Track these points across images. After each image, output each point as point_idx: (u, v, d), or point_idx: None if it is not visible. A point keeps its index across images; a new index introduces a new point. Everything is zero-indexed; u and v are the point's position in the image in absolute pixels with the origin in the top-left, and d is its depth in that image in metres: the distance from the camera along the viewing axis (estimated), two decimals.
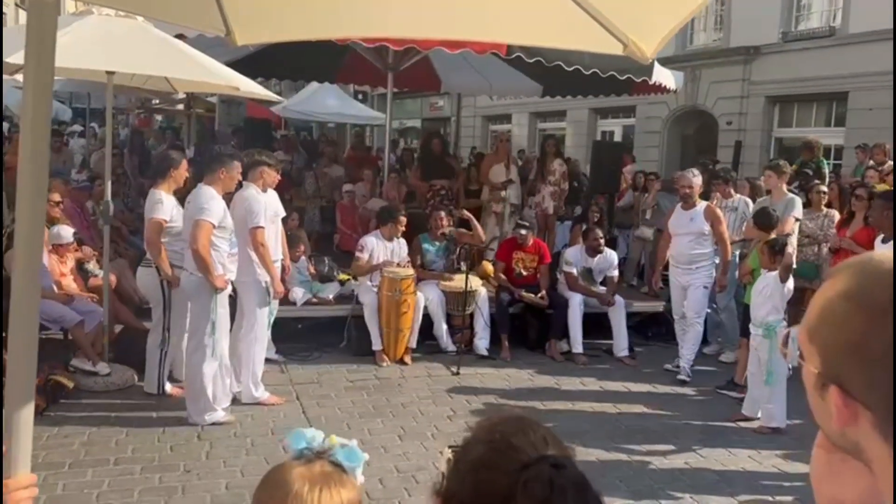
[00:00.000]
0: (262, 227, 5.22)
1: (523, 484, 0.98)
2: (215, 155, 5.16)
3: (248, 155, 5.63)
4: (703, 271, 6.43)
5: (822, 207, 6.99)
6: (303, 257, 7.17)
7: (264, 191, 5.40)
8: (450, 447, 1.14)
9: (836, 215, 6.87)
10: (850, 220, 6.56)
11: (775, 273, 5.28)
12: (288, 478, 1.26)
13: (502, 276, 7.16)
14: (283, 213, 5.77)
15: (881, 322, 0.74)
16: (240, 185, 5.47)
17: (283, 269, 5.75)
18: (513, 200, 8.71)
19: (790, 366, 5.21)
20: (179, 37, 5.95)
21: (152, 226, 5.14)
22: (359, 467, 1.32)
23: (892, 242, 5.18)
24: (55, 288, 5.78)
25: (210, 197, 4.84)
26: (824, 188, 7.25)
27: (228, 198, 5.28)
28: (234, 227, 5.03)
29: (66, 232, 6.17)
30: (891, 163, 8.04)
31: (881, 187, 6.99)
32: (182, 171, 5.29)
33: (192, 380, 4.95)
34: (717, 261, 6.52)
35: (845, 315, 0.78)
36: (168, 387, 5.43)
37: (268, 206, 5.37)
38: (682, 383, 6.32)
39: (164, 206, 5.16)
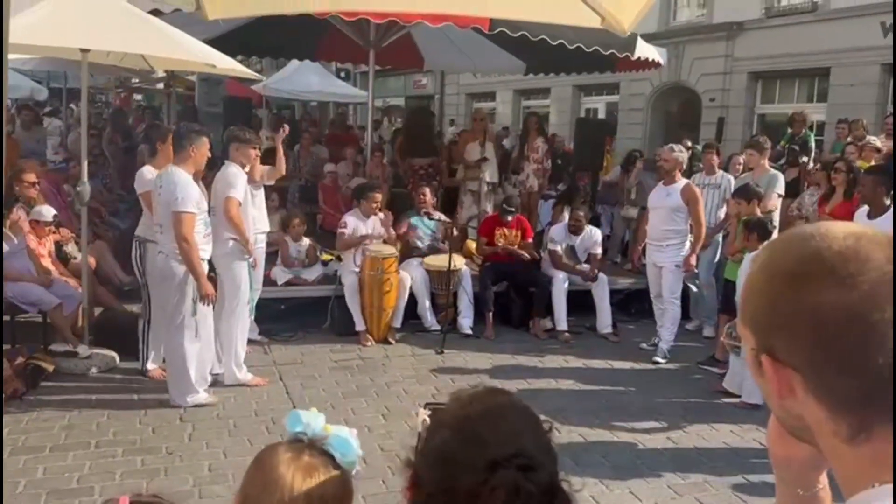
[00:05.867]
0: (234, 198, 5.16)
1: (490, 489, 0.96)
2: (183, 131, 4.98)
3: (229, 133, 5.59)
4: (673, 250, 6.31)
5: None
6: (305, 239, 7.13)
7: (243, 167, 5.34)
8: (427, 405, 1.12)
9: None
10: (831, 196, 6.58)
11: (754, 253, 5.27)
12: (274, 462, 1.28)
13: (485, 248, 7.16)
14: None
15: (788, 285, 0.79)
16: (221, 163, 5.44)
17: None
18: (489, 179, 8.62)
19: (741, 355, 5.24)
20: (155, 12, 5.83)
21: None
22: (352, 460, 1.30)
23: (880, 219, 5.15)
24: (33, 271, 5.70)
25: (185, 183, 4.67)
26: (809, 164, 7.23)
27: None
28: (209, 206, 4.98)
29: (48, 211, 6.09)
30: (869, 138, 8.06)
31: (861, 164, 7.01)
32: (167, 146, 5.19)
33: (174, 361, 4.91)
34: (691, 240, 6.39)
35: (760, 284, 0.83)
36: (150, 365, 5.39)
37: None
38: (657, 363, 6.31)
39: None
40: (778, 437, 0.92)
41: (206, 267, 4.90)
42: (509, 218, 7.10)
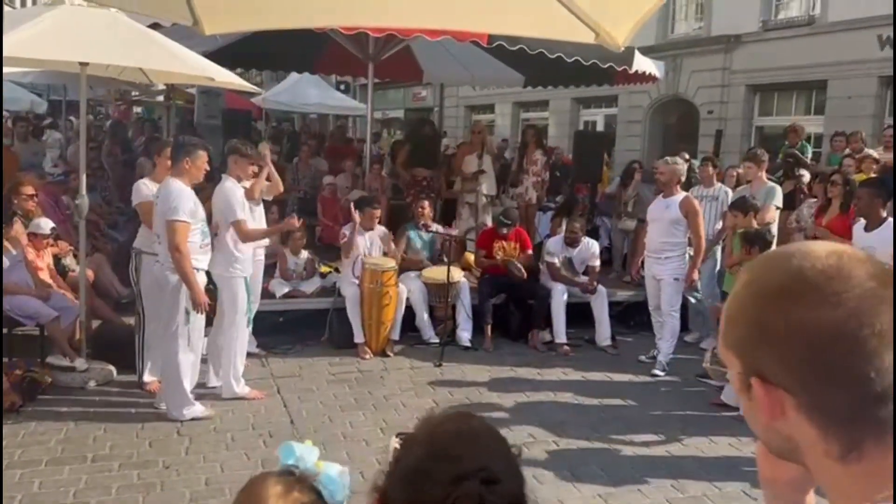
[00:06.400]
0: (240, 220, 5.17)
1: (453, 501, 0.97)
2: (180, 144, 5.00)
3: (230, 145, 5.60)
4: (673, 262, 6.30)
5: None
6: (304, 252, 7.11)
7: (240, 181, 5.35)
8: (398, 435, 1.12)
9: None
10: (828, 208, 6.59)
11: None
12: (264, 494, 1.27)
13: (483, 260, 7.16)
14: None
15: (773, 305, 0.78)
16: (219, 178, 5.45)
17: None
18: (486, 191, 8.61)
19: (724, 383, 5.23)
20: (154, 26, 5.86)
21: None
22: (340, 500, 1.31)
23: (876, 231, 5.15)
24: (31, 283, 5.70)
25: (179, 192, 4.69)
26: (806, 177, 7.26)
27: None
28: (207, 218, 4.99)
29: (46, 223, 6.10)
30: (867, 150, 8.08)
31: (859, 177, 7.02)
32: (164, 159, 5.21)
33: (168, 374, 4.90)
34: (691, 253, 6.40)
35: (744, 306, 0.82)
36: (147, 377, 5.37)
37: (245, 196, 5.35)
38: (656, 376, 6.28)
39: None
40: (765, 456, 0.92)
41: (203, 278, 4.91)
42: (506, 231, 7.10)
